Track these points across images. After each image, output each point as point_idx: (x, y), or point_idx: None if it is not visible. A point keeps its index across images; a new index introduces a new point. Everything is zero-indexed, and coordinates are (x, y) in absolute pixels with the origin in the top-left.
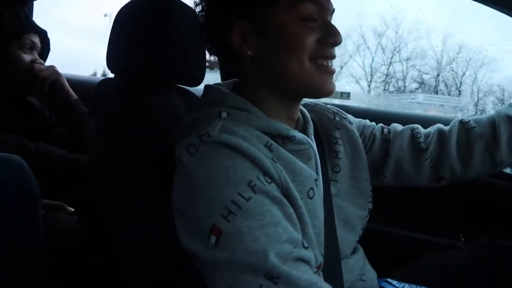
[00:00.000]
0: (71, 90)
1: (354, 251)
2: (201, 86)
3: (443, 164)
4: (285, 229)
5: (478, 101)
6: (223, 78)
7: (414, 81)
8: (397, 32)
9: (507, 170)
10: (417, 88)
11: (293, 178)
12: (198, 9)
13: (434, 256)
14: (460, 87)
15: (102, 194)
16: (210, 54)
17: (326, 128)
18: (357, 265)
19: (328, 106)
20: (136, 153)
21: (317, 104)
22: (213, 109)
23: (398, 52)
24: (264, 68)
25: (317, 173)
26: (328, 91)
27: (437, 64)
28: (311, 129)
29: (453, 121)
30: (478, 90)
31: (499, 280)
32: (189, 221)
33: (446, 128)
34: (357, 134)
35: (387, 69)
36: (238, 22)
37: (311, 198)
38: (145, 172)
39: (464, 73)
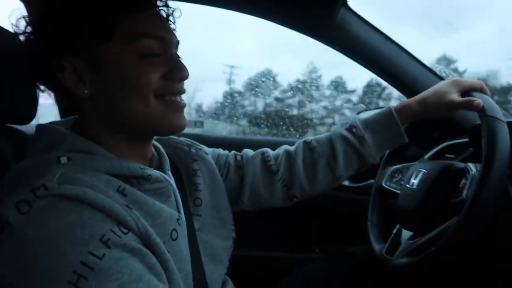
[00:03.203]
0: None
1: (224, 284)
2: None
3: (293, 183)
4: (149, 283)
5: None
6: (61, 115)
7: None
8: None
9: (346, 183)
10: None
11: (153, 222)
12: (22, 37)
13: (295, 272)
14: None
15: None
16: (42, 91)
17: (183, 161)
18: None
19: (181, 138)
20: None
21: (170, 138)
22: (49, 154)
23: None
24: (104, 108)
25: (178, 211)
26: (179, 127)
27: None
28: (167, 165)
29: (297, 142)
30: None
31: (349, 282)
32: None
33: (292, 148)
34: (214, 164)
35: None
36: (70, 59)
37: (174, 240)
38: None
39: None
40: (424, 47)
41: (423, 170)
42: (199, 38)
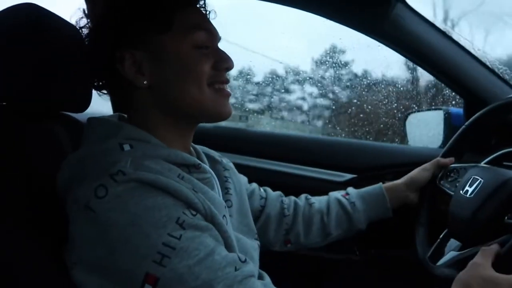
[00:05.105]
0: None
1: (259, 277)
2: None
3: (293, 229)
4: (221, 254)
5: None
6: (114, 110)
7: None
8: None
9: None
10: None
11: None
12: (83, 31)
13: (335, 273)
14: None
15: None
16: (96, 89)
17: (216, 167)
18: None
19: (211, 150)
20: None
21: (203, 147)
22: (109, 142)
23: None
24: (163, 96)
25: None
26: (227, 113)
27: None
28: (206, 161)
29: (300, 196)
30: None
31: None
32: (111, 275)
33: (297, 200)
34: (241, 180)
35: None
36: (130, 51)
37: (226, 224)
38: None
39: None
40: (485, 44)
41: (480, 178)
42: None
